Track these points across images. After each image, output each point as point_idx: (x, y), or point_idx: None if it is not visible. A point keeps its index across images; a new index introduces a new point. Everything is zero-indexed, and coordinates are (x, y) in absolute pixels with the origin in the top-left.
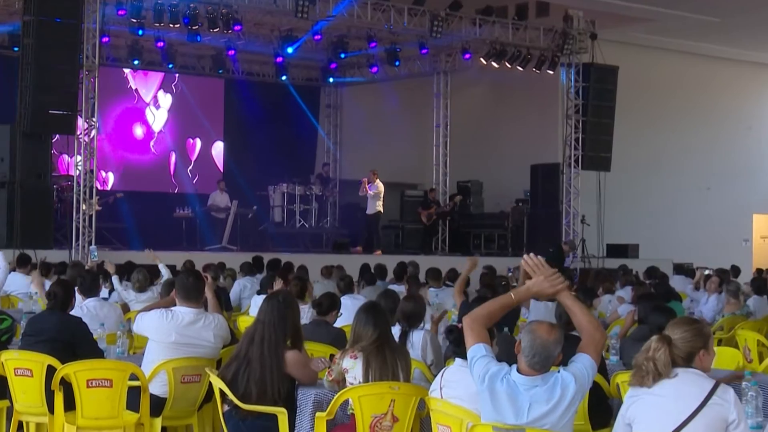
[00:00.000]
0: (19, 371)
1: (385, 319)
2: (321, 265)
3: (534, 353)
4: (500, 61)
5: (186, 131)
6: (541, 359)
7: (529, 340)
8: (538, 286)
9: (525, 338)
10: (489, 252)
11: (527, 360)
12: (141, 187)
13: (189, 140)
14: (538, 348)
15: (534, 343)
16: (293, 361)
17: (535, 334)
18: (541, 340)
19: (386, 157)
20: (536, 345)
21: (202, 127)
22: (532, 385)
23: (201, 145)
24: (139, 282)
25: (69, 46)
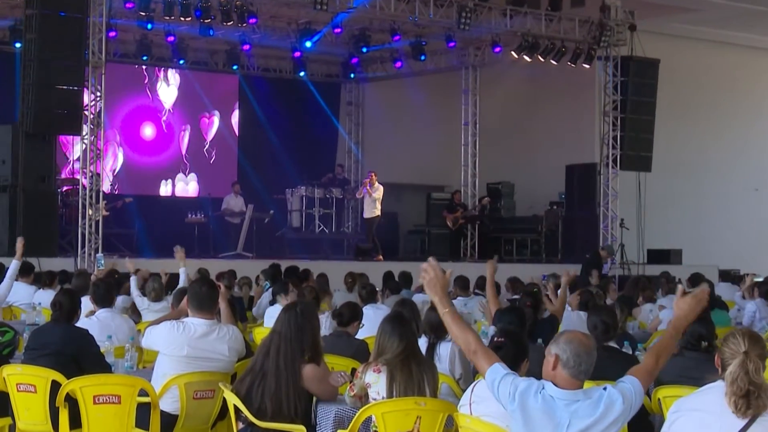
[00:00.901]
0: (21, 387)
1: (411, 330)
2: (342, 272)
3: (580, 362)
4: (533, 54)
5: (200, 130)
6: (588, 367)
7: (572, 350)
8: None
9: (565, 350)
10: (521, 258)
11: (572, 371)
12: (150, 191)
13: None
14: (584, 356)
15: (579, 351)
16: (311, 376)
17: (577, 343)
18: (585, 348)
19: (411, 158)
20: (581, 353)
21: (216, 129)
22: (573, 399)
23: (215, 148)
24: (155, 291)
25: (74, 42)
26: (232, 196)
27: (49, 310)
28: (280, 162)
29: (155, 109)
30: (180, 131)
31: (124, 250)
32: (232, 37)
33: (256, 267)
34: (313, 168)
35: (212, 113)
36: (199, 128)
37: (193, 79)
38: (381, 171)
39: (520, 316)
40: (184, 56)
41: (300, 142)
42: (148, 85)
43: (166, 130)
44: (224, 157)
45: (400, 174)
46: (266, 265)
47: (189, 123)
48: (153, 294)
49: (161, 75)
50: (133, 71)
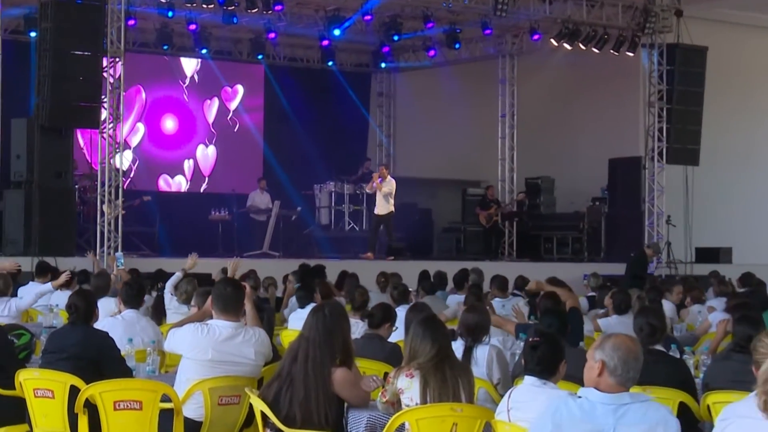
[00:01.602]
0: (39, 392)
1: (445, 333)
2: (373, 272)
3: (628, 369)
4: (573, 42)
5: (223, 123)
6: (636, 374)
7: (620, 357)
8: None
9: (612, 356)
10: (562, 257)
11: (619, 379)
12: (173, 187)
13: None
14: (632, 363)
15: (627, 357)
16: (342, 380)
17: (624, 349)
18: (633, 354)
19: (445, 151)
20: (630, 360)
21: (240, 119)
22: (619, 403)
23: (240, 138)
24: (186, 293)
25: (91, 30)
26: (258, 193)
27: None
28: (307, 156)
29: (176, 101)
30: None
31: (144, 249)
32: (256, 25)
33: (282, 266)
34: (342, 162)
35: (234, 88)
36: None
37: (216, 69)
38: (414, 165)
39: (561, 318)
40: (206, 45)
41: (328, 136)
42: (170, 76)
43: (189, 122)
44: (249, 151)
45: (434, 169)
46: (294, 265)
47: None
48: (184, 296)
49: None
50: (153, 61)
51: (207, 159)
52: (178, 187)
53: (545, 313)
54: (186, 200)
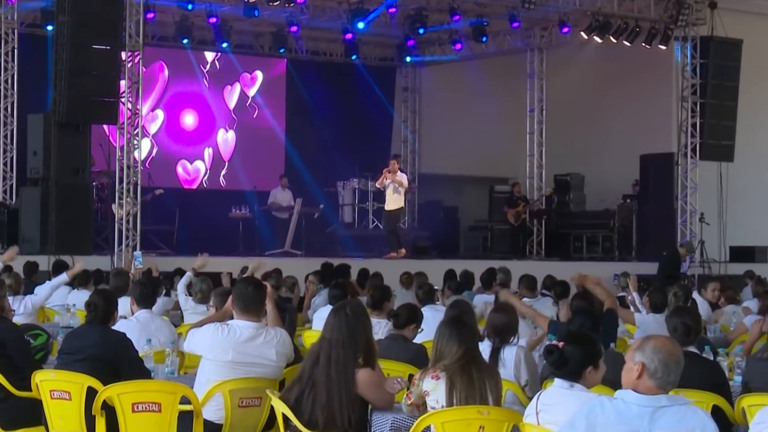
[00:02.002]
0: (55, 394)
1: (472, 334)
2: (397, 271)
3: (669, 372)
4: (604, 35)
5: (244, 119)
6: (676, 377)
7: (662, 358)
8: None
9: (653, 359)
10: (592, 256)
11: (659, 382)
12: (191, 174)
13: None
14: (673, 366)
15: (668, 360)
16: (366, 381)
17: (665, 351)
18: (674, 358)
19: (472, 148)
20: (671, 363)
21: (261, 114)
22: (656, 405)
23: (261, 134)
24: (201, 292)
25: (110, 24)
26: (280, 190)
27: (83, 312)
28: (330, 152)
29: (196, 90)
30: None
31: (163, 247)
32: (278, 18)
33: (305, 266)
34: (366, 159)
35: (254, 74)
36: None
37: (236, 62)
38: (439, 162)
39: (594, 319)
40: (227, 39)
41: (352, 131)
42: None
43: (208, 111)
44: (271, 147)
45: (461, 165)
46: (316, 264)
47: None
48: (199, 295)
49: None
50: (172, 55)
51: (227, 144)
52: (196, 173)
53: (577, 312)
54: (206, 197)
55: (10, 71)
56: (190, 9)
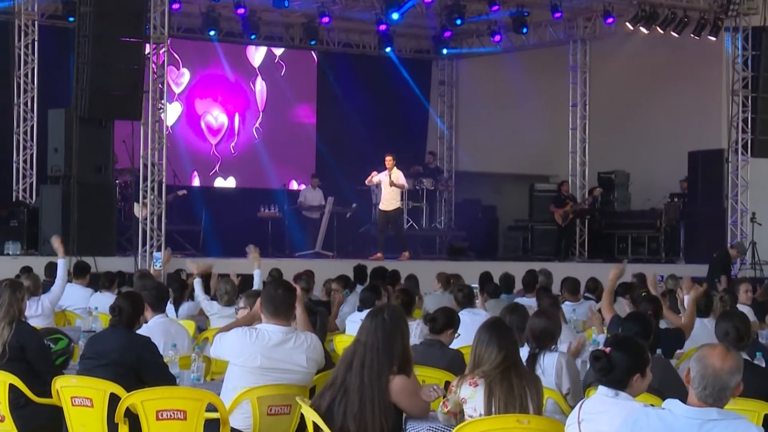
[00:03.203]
0: (77, 400)
1: (512, 339)
2: (433, 273)
3: (705, 384)
4: (650, 25)
5: (273, 115)
6: (714, 391)
7: (700, 369)
8: None
9: (694, 367)
10: (638, 257)
11: (697, 392)
12: (218, 182)
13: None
14: (710, 378)
15: (705, 372)
16: (400, 389)
17: (706, 362)
18: (713, 369)
19: (511, 144)
20: (708, 375)
21: (291, 110)
22: (705, 418)
23: (291, 130)
24: (227, 294)
25: (133, 15)
26: (310, 189)
27: (106, 316)
28: (363, 149)
29: (222, 90)
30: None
31: (189, 248)
32: (309, 9)
33: (336, 267)
34: (400, 155)
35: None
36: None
37: (266, 56)
38: (477, 159)
39: (645, 325)
40: (255, 31)
41: (386, 127)
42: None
43: (236, 112)
44: (301, 144)
45: (500, 163)
46: (348, 266)
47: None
48: (225, 298)
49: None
50: (198, 47)
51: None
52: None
53: (629, 317)
54: (233, 196)
55: (30, 65)
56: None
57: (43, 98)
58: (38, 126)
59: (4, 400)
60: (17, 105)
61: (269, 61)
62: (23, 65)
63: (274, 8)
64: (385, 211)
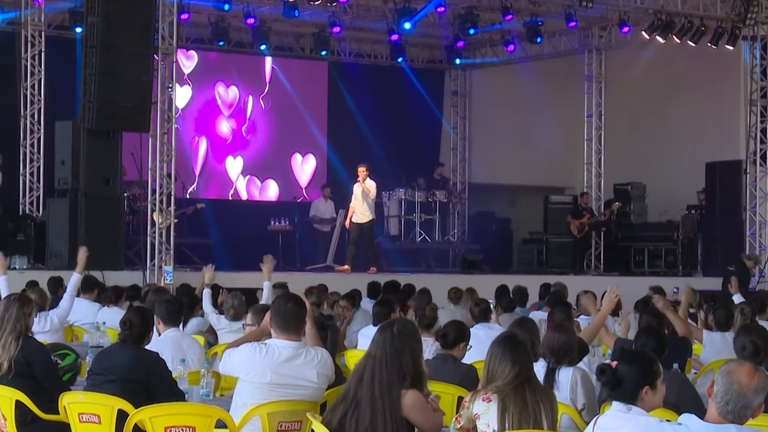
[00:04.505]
0: (84, 417)
1: (526, 354)
2: (446, 287)
3: (728, 400)
4: (667, 35)
5: (282, 126)
6: (736, 408)
7: (725, 384)
8: None
9: (720, 380)
10: (654, 270)
11: (718, 407)
12: (227, 194)
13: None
14: (734, 395)
15: (729, 388)
16: (413, 403)
17: (732, 377)
18: (738, 386)
19: (526, 155)
20: (732, 391)
21: (301, 121)
22: None
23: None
24: (234, 309)
25: (142, 26)
26: (322, 201)
27: (114, 331)
28: (375, 161)
29: (232, 102)
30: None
31: (198, 262)
32: (320, 19)
33: (348, 281)
34: (413, 167)
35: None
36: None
37: (276, 66)
38: (491, 171)
39: (659, 339)
40: (265, 41)
41: (398, 138)
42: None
43: (246, 125)
44: (312, 155)
45: (514, 174)
46: (359, 280)
47: (270, 116)
48: (231, 312)
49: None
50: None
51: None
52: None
53: (641, 331)
54: (243, 209)
55: (36, 76)
56: (227, 9)
57: (50, 110)
58: (45, 138)
59: (10, 416)
60: (24, 117)
61: (279, 71)
62: (30, 76)
63: (284, 18)
64: (358, 223)
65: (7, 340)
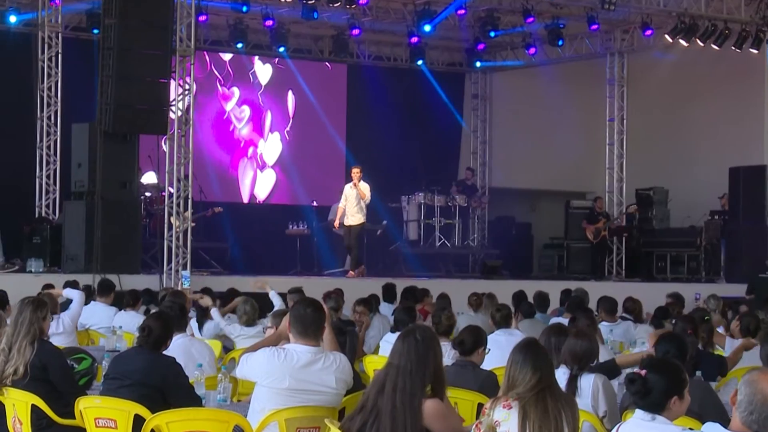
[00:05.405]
0: (100, 422)
1: (547, 360)
2: (465, 292)
3: (752, 410)
4: (690, 38)
5: (300, 128)
6: (761, 418)
7: (748, 393)
8: None
9: (743, 390)
10: (677, 277)
11: (742, 416)
12: (244, 198)
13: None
14: (758, 404)
15: (754, 397)
16: (434, 412)
17: (756, 387)
18: (762, 395)
19: (547, 160)
20: (756, 401)
21: (320, 124)
22: None
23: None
24: (246, 314)
25: (159, 28)
26: None
27: (131, 335)
28: (394, 165)
29: (250, 104)
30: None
31: (216, 266)
32: (339, 21)
33: (366, 286)
34: (432, 172)
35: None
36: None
37: (294, 69)
38: (511, 175)
39: (680, 346)
40: (284, 43)
41: (417, 142)
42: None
43: (262, 127)
44: (330, 159)
45: (535, 179)
46: (378, 285)
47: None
48: (245, 318)
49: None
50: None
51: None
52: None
53: (662, 338)
54: (261, 213)
55: (53, 78)
56: (245, 11)
57: (66, 112)
58: (62, 141)
59: (26, 421)
60: (40, 119)
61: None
62: (47, 78)
63: (303, 20)
64: (348, 225)
65: (21, 344)
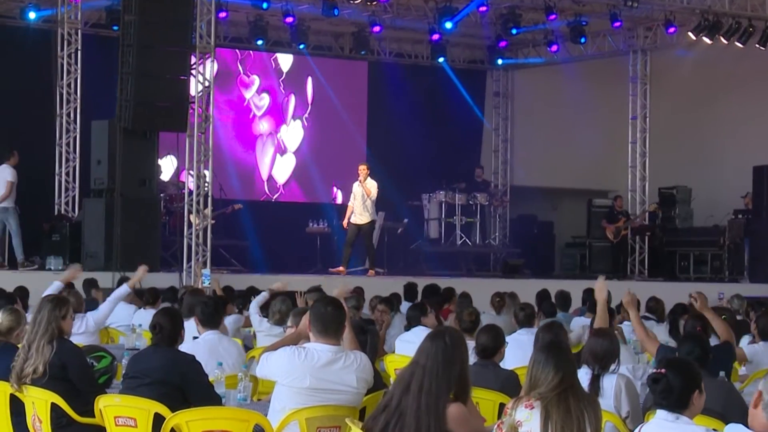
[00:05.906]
0: (120, 420)
1: (569, 360)
2: (487, 291)
3: None
4: (714, 35)
5: (322, 127)
6: None
7: None
8: None
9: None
10: (700, 276)
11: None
12: (264, 196)
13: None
14: None
15: None
16: (458, 417)
17: None
18: None
19: (569, 158)
20: None
21: (340, 121)
22: None
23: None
24: (280, 313)
25: (179, 24)
26: None
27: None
28: (415, 163)
29: (270, 91)
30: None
31: (236, 264)
32: (360, 18)
33: (387, 285)
34: (453, 170)
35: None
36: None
37: (314, 66)
38: (533, 173)
39: (703, 346)
40: (304, 40)
41: (438, 140)
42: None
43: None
44: (351, 157)
45: (557, 177)
46: (399, 283)
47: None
48: (276, 316)
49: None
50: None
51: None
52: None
53: (686, 338)
54: (281, 210)
55: (73, 74)
56: (265, 8)
57: (86, 109)
58: (81, 138)
59: (46, 419)
60: (60, 116)
61: (318, 71)
62: (66, 75)
63: (323, 17)
64: (356, 224)
65: (40, 343)
